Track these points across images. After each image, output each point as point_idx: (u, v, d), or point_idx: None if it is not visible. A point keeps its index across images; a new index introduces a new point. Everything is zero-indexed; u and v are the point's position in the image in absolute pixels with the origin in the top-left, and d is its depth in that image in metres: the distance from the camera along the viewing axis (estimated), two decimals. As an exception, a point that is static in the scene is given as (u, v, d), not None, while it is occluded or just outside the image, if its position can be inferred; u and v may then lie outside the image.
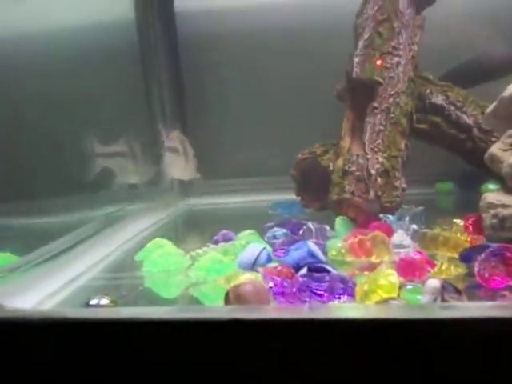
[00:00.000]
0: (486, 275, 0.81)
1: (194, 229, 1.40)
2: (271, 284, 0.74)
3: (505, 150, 1.01)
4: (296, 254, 0.86)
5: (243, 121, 1.68)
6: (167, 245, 1.04)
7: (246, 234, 1.02)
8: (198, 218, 1.53)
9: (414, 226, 1.03)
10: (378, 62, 1.20)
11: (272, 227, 1.10)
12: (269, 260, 0.89)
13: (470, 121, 1.29)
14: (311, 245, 0.88)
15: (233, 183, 1.66)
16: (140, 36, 1.64)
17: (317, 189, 1.24)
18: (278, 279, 0.74)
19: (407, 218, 1.10)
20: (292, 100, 1.63)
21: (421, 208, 1.15)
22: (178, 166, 1.52)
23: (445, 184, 1.52)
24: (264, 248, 0.89)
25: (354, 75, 1.21)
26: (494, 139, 1.25)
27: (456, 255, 0.94)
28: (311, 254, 0.86)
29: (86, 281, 0.97)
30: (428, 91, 1.31)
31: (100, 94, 1.33)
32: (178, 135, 1.54)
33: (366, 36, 1.24)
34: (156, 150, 1.62)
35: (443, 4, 1.37)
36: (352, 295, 0.76)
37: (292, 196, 1.34)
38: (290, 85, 1.63)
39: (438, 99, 1.30)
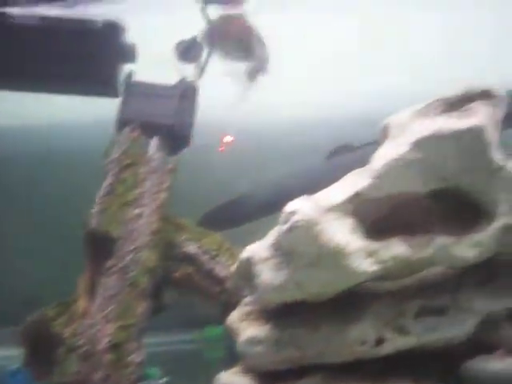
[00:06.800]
0: None
1: None
2: None
3: (241, 321, 0.93)
4: None
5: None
6: None
7: None
8: None
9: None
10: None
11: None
12: None
13: (223, 272, 1.20)
14: None
15: None
16: None
17: (49, 360, 1.06)
18: None
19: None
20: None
21: (165, 379, 1.02)
22: None
23: (215, 329, 1.41)
24: None
25: (91, 226, 1.07)
26: (248, 291, 1.18)
27: None
28: None
29: None
30: (182, 239, 1.21)
31: None
32: None
33: (108, 182, 1.12)
34: None
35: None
36: None
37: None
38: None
39: (191, 248, 1.21)
